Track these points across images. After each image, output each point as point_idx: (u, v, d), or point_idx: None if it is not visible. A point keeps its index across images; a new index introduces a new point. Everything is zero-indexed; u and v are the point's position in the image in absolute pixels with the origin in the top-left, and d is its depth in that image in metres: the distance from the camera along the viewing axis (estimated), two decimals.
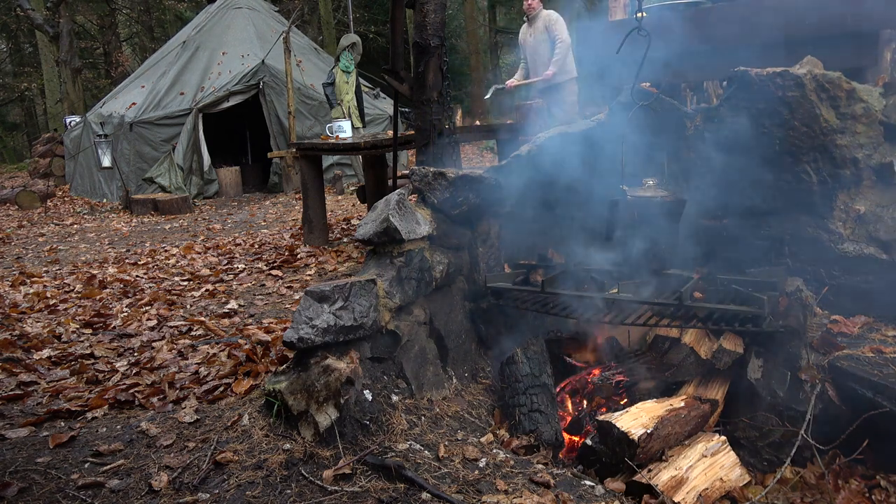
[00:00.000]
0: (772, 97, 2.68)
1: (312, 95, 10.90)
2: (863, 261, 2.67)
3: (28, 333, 3.74)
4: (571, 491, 2.10)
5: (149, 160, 10.66)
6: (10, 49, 23.88)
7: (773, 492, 2.31)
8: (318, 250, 5.84)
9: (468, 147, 14.79)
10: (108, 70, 20.22)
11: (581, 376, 2.94)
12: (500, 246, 3.20)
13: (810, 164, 2.70)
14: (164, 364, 3.17)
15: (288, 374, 2.31)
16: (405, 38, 8.95)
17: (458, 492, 2.03)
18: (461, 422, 2.58)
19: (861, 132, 2.67)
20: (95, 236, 8.07)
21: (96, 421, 2.51)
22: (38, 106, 23.35)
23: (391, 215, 2.62)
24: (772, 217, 2.84)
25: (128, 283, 5.11)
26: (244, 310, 4.19)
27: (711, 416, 2.58)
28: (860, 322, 2.67)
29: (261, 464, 2.10)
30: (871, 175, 2.70)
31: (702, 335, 2.71)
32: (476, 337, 3.10)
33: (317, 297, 2.35)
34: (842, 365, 2.40)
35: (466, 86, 20.14)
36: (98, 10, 19.79)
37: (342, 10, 19.38)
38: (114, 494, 1.99)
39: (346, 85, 8.63)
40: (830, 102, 2.67)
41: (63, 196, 12.04)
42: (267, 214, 9.07)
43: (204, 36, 11.69)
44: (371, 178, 6.17)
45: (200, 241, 7.16)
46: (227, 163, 11.98)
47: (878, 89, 2.78)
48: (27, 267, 6.12)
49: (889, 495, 2.24)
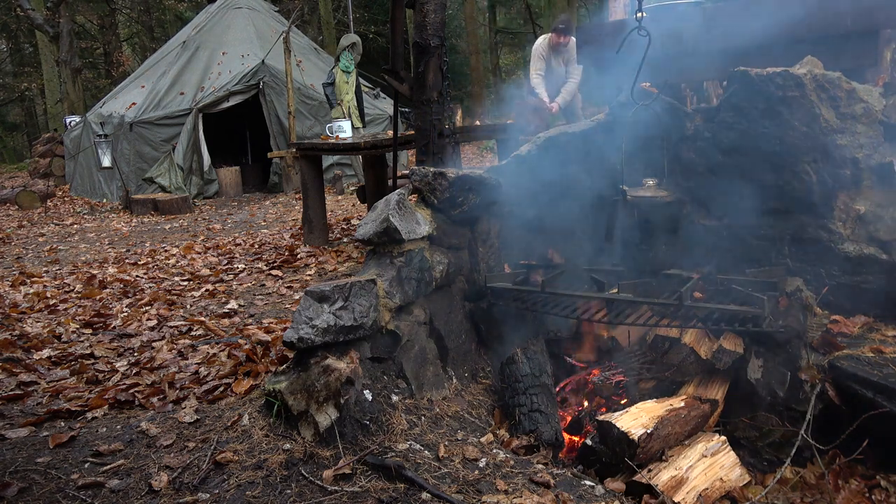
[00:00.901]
0: (772, 97, 2.68)
1: (312, 95, 10.90)
2: (863, 261, 2.66)
3: (28, 333, 3.74)
4: (571, 491, 2.10)
5: (149, 160, 10.66)
6: (10, 49, 23.88)
7: (773, 492, 2.31)
8: (318, 250, 5.84)
9: (468, 147, 14.79)
10: (108, 70, 20.23)
11: (581, 376, 2.94)
12: (500, 246, 3.20)
13: (810, 164, 2.70)
14: (164, 364, 3.17)
15: (288, 374, 2.31)
16: (405, 38, 8.94)
17: (458, 492, 2.03)
18: (461, 422, 2.58)
19: (861, 132, 2.67)
20: (95, 236, 8.07)
21: (96, 421, 2.51)
22: (38, 106, 23.35)
23: (391, 215, 2.62)
24: (772, 217, 2.84)
25: (128, 283, 5.11)
26: (244, 310, 4.19)
27: (711, 416, 2.58)
28: (860, 322, 2.67)
29: (261, 464, 2.10)
30: (871, 175, 2.70)
31: (702, 335, 2.71)
32: (476, 337, 3.10)
33: (317, 297, 2.35)
34: (842, 365, 2.40)
35: (466, 86, 20.13)
36: (98, 10, 19.80)
37: (342, 10, 19.38)
38: (114, 494, 1.99)
39: (346, 85, 8.63)
40: (830, 102, 2.67)
41: (63, 196, 12.04)
42: (267, 214, 9.07)
43: (204, 36, 11.69)
44: (371, 178, 6.17)
45: (200, 241, 7.15)
46: (227, 163, 11.98)
47: (878, 89, 2.78)
48: (27, 267, 6.12)
49: (889, 495, 2.24)
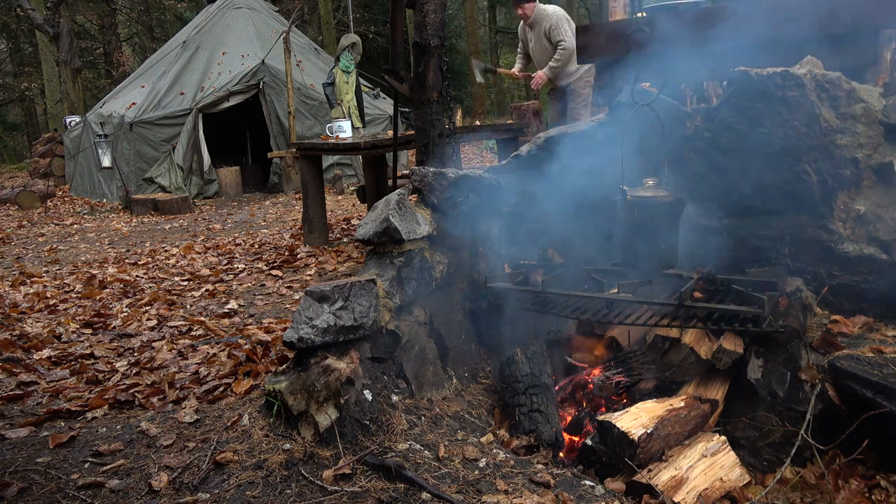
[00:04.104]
0: (772, 97, 2.68)
1: (312, 95, 10.90)
2: (863, 261, 2.66)
3: (28, 333, 3.74)
4: (571, 491, 2.10)
5: (149, 160, 10.66)
6: (10, 49, 23.88)
7: (773, 492, 2.31)
8: (318, 250, 5.84)
9: (468, 147, 14.79)
10: (109, 70, 20.23)
11: (581, 376, 2.94)
12: (500, 246, 3.20)
13: (810, 164, 2.69)
14: (164, 364, 3.17)
15: (288, 374, 2.31)
16: (405, 38, 8.94)
17: (458, 492, 2.03)
18: (461, 422, 2.58)
19: (861, 132, 2.67)
20: (95, 236, 8.07)
21: (96, 421, 2.51)
22: (38, 106, 23.35)
23: (391, 215, 2.62)
24: (772, 217, 2.83)
25: (128, 283, 5.11)
26: (244, 310, 4.19)
27: (711, 416, 2.58)
28: (860, 322, 2.67)
29: (261, 464, 2.10)
30: (871, 175, 2.69)
31: (702, 335, 2.71)
32: (476, 337, 3.10)
33: (317, 297, 2.35)
34: (842, 365, 2.40)
35: (466, 86, 20.15)
36: (98, 10, 19.80)
37: (342, 10, 19.39)
38: (114, 494, 1.99)
39: (346, 85, 8.64)
40: (830, 102, 2.67)
41: (63, 196, 12.03)
42: (267, 214, 9.07)
43: (204, 36, 11.69)
44: (371, 178, 6.17)
45: (200, 241, 7.15)
46: (227, 163, 11.99)
47: (878, 89, 2.78)
48: (27, 267, 6.12)
49: (889, 495, 2.24)
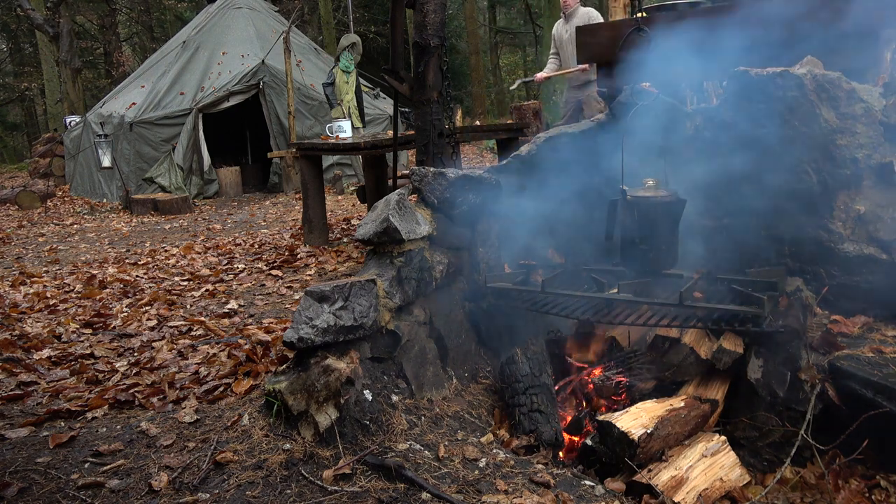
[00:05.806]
0: (772, 97, 2.68)
1: (312, 95, 10.90)
2: (863, 261, 2.66)
3: (28, 333, 3.74)
4: (571, 491, 2.10)
5: (149, 160, 10.65)
6: (10, 49, 23.88)
7: (773, 492, 2.31)
8: (318, 250, 5.84)
9: (468, 147, 14.80)
10: (109, 70, 20.23)
11: (581, 376, 2.94)
12: (500, 246, 3.20)
13: (810, 164, 2.70)
14: (164, 364, 3.17)
15: (288, 374, 2.31)
16: (405, 38, 8.94)
17: (458, 492, 2.03)
18: (461, 422, 2.58)
19: (861, 132, 2.67)
20: (95, 236, 8.07)
21: (96, 421, 2.51)
22: (38, 106, 23.34)
23: (391, 215, 2.62)
24: (772, 217, 2.84)
25: (128, 283, 5.11)
26: (244, 310, 4.19)
27: (711, 416, 2.58)
28: (860, 322, 2.67)
29: (261, 464, 2.10)
30: (871, 175, 2.69)
31: (702, 335, 2.71)
32: (476, 337, 3.10)
33: (317, 297, 2.35)
34: (842, 365, 2.40)
35: (466, 86, 20.17)
36: (98, 10, 19.80)
37: (342, 10, 19.39)
38: (114, 494, 1.99)
39: (346, 85, 8.64)
40: (830, 102, 2.67)
41: (63, 196, 12.03)
42: (267, 214, 9.07)
43: (204, 36, 11.69)
44: (371, 178, 6.17)
45: (200, 241, 7.15)
46: (227, 163, 11.98)
47: (878, 89, 2.78)
48: (27, 267, 6.12)
49: (889, 495, 2.24)
